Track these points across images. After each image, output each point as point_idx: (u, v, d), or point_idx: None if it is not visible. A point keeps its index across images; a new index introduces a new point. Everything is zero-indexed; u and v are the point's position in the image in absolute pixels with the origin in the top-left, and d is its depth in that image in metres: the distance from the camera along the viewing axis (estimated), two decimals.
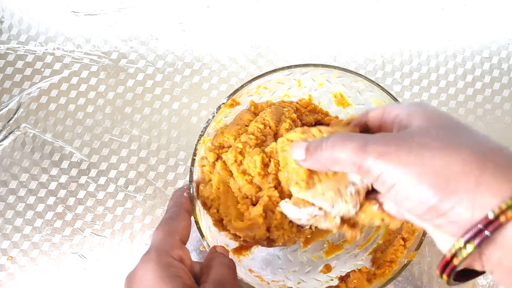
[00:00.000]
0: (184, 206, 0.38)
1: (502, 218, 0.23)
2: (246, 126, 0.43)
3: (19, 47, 0.56)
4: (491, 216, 0.23)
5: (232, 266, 0.35)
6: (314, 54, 0.57)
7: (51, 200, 0.52)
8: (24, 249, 0.51)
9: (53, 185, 0.52)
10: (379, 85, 0.42)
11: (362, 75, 0.43)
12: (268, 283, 0.41)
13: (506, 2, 0.59)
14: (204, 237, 0.38)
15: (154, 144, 0.54)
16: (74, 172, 0.53)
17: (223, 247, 0.37)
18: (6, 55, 0.56)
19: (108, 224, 0.52)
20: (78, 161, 0.53)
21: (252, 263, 0.45)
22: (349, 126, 0.33)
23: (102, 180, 0.53)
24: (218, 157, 0.40)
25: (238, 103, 0.44)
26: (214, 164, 0.40)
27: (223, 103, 0.42)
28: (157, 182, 0.53)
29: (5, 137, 0.53)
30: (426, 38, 0.57)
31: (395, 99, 0.42)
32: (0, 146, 0.53)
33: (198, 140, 0.41)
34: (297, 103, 0.46)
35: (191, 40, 0.57)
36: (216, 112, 0.42)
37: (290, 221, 0.38)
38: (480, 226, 0.23)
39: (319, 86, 0.46)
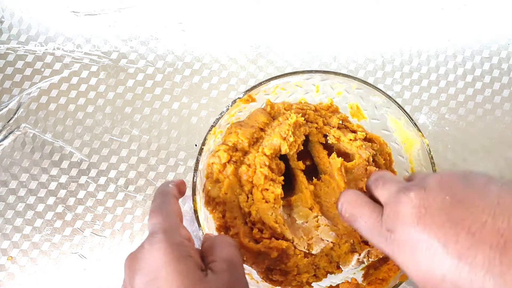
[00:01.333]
0: (171, 191, 0.36)
1: None
2: (261, 129, 0.42)
3: (19, 47, 0.56)
4: None
5: (238, 247, 0.34)
6: (314, 54, 0.57)
7: (51, 200, 0.52)
8: (24, 249, 0.51)
9: (53, 185, 0.52)
10: (397, 102, 0.42)
11: (381, 90, 0.42)
12: (257, 282, 0.41)
13: (506, 2, 0.59)
14: (201, 227, 0.38)
15: (154, 144, 0.54)
16: (74, 172, 0.53)
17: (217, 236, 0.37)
18: (6, 55, 0.56)
19: (108, 224, 0.52)
20: (78, 161, 0.53)
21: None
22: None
23: (102, 180, 0.53)
24: (230, 159, 0.40)
25: (254, 100, 0.43)
26: (225, 164, 0.40)
27: (239, 98, 0.42)
28: (157, 182, 0.53)
29: (5, 137, 0.53)
30: (426, 38, 0.57)
31: (411, 118, 0.42)
32: (0, 146, 0.53)
33: (209, 131, 0.41)
34: (316, 106, 0.46)
35: (191, 40, 0.57)
36: (231, 106, 0.41)
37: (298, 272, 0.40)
38: None
39: (337, 95, 0.46)
